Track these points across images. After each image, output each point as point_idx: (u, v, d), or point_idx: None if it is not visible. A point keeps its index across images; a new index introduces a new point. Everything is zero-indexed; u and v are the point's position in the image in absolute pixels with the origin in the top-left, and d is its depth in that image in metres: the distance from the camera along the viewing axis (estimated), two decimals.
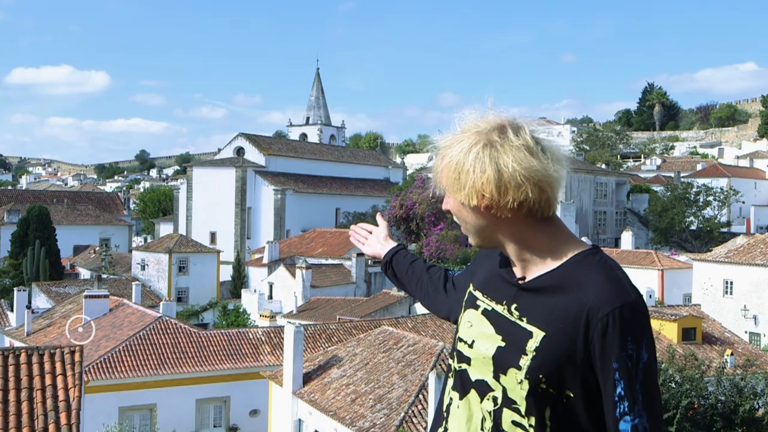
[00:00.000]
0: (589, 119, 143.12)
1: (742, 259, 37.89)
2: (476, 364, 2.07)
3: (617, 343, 1.87)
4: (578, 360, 1.91)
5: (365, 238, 2.92)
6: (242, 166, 73.11)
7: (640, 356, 1.88)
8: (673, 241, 69.87)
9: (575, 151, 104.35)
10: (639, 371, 1.88)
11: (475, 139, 1.94)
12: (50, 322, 37.70)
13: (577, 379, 1.93)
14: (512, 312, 2.03)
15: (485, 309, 2.11)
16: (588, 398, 1.94)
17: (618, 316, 1.87)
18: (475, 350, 2.08)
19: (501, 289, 2.09)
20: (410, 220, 60.20)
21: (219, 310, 48.86)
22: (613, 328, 1.86)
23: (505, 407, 2.00)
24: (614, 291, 1.90)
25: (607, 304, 1.87)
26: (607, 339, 1.87)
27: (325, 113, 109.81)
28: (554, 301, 1.95)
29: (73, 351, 14.33)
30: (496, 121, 1.97)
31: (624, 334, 1.87)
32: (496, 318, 2.06)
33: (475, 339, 2.09)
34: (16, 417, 12.62)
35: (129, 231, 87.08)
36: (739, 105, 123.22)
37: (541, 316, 1.96)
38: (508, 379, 1.99)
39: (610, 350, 1.87)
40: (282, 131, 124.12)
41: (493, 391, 2.02)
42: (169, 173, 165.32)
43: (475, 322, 2.12)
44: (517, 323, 2.01)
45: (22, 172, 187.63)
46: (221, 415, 30.45)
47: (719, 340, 33.70)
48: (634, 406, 1.88)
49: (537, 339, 1.95)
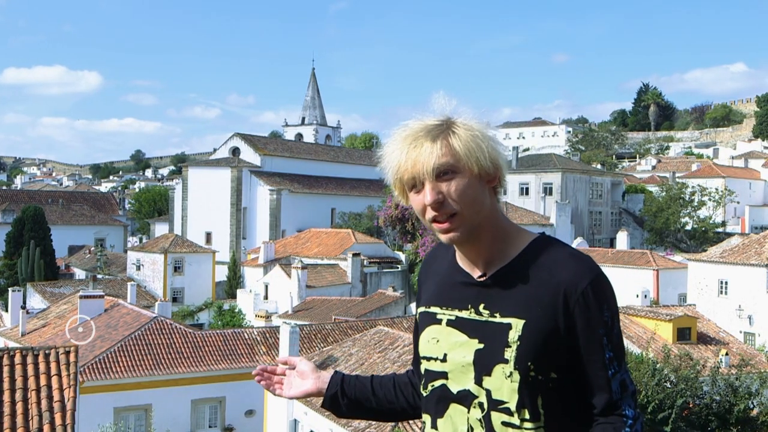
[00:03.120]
0: (584, 119, 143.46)
1: (737, 259, 37.98)
2: (455, 375, 2.06)
3: (597, 312, 1.98)
4: (561, 339, 1.98)
5: (279, 382, 2.44)
6: (238, 166, 73.02)
7: (614, 322, 2.02)
8: (668, 241, 69.99)
9: (570, 151, 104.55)
10: (614, 335, 2.02)
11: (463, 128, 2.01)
12: (45, 323, 37.63)
13: (561, 359, 1.99)
14: (481, 312, 2.04)
15: (449, 319, 2.09)
16: (570, 377, 2.02)
17: (594, 288, 1.99)
18: (450, 362, 2.06)
19: (460, 295, 2.10)
20: (405, 220, 60.11)
21: (214, 310, 48.81)
22: (593, 300, 1.98)
23: (492, 411, 2.00)
24: (583, 267, 2.01)
25: (582, 279, 1.98)
26: (590, 310, 1.98)
27: (320, 113, 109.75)
28: (525, 288, 2.00)
29: (68, 351, 14.30)
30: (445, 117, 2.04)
31: (601, 304, 1.99)
32: (465, 324, 2.06)
33: (447, 351, 2.07)
34: (10, 418, 12.58)
35: (124, 231, 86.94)
36: (733, 105, 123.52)
37: (515, 307, 2.00)
38: (494, 379, 1.99)
39: (594, 320, 1.99)
40: (277, 131, 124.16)
41: (477, 397, 2.02)
42: (165, 173, 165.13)
43: (441, 336, 2.10)
44: (491, 321, 2.02)
45: (17, 172, 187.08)
46: (217, 415, 30.41)
47: (714, 340, 33.80)
48: (620, 365, 2.02)
49: (518, 328, 1.97)
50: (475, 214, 1.99)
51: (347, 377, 2.40)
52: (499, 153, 1.99)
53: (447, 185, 1.96)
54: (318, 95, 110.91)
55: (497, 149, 1.99)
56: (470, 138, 1.96)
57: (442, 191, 1.96)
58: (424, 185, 1.98)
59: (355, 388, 2.37)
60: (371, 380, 2.41)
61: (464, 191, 1.96)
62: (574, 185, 72.40)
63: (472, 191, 1.97)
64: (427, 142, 1.97)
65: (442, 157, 1.95)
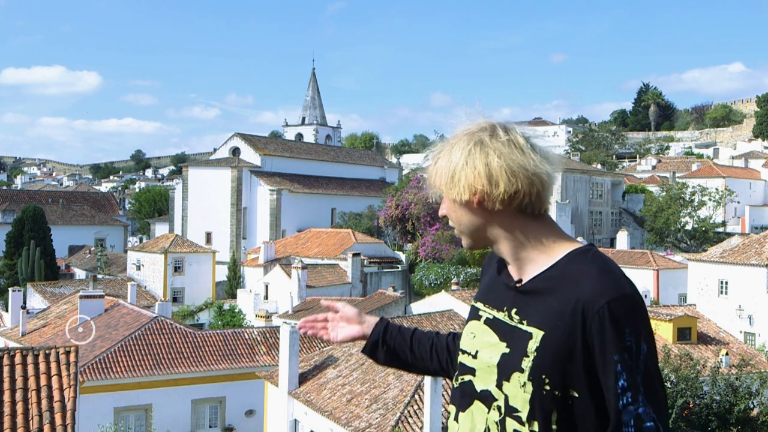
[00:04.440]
0: (584, 119, 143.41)
1: (737, 259, 37.97)
2: (481, 374, 2.07)
3: (615, 335, 1.86)
4: (579, 356, 1.90)
5: (324, 328, 2.51)
6: (238, 166, 73.01)
7: (639, 348, 1.87)
8: (668, 241, 69.96)
9: (571, 151, 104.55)
10: (640, 363, 1.87)
11: (467, 140, 2.02)
12: (45, 323, 37.63)
13: (580, 378, 1.92)
14: (512, 317, 2.04)
15: (487, 318, 2.12)
16: (593, 398, 1.93)
17: (613, 308, 1.86)
18: (479, 360, 2.09)
19: (501, 296, 2.11)
20: (406, 220, 60.16)
21: (214, 310, 48.80)
22: (609, 321, 1.86)
23: (507, 416, 2.00)
24: (607, 284, 1.90)
25: (601, 297, 1.87)
26: (605, 332, 1.86)
27: (321, 113, 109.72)
28: (550, 299, 1.96)
29: (68, 351, 14.30)
30: (486, 122, 2.06)
31: (621, 326, 1.86)
32: (499, 325, 2.08)
33: (479, 349, 2.10)
34: (11, 417, 12.58)
35: (124, 231, 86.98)
36: (733, 105, 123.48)
37: (539, 317, 1.97)
38: (511, 386, 1.99)
39: (609, 343, 1.86)
40: (276, 131, 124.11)
41: (497, 400, 2.02)
42: (165, 173, 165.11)
43: (478, 333, 2.13)
44: (518, 327, 2.01)
45: (17, 172, 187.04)
46: (217, 415, 30.42)
47: (714, 340, 33.78)
48: (638, 396, 1.86)
49: (537, 339, 1.95)
50: (460, 230, 2.13)
51: (391, 326, 2.45)
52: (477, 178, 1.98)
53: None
54: (318, 95, 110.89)
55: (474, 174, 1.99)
56: (437, 170, 2.08)
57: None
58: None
59: (395, 340, 2.43)
60: (412, 335, 2.44)
61: (447, 212, 2.13)
62: (575, 185, 72.40)
63: (452, 213, 2.11)
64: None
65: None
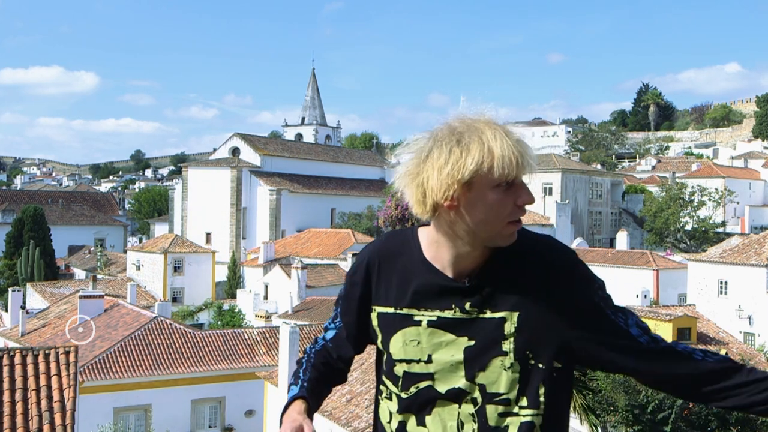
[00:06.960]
0: (584, 119, 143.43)
1: (736, 259, 37.97)
2: (442, 375, 2.02)
3: (592, 290, 1.99)
4: (560, 325, 1.96)
5: None
6: (237, 166, 73.02)
7: (605, 290, 2.03)
8: (668, 241, 70.00)
9: (570, 152, 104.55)
10: (611, 299, 2.03)
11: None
12: (45, 323, 37.63)
13: (561, 345, 1.98)
14: (468, 311, 2.00)
15: (430, 320, 2.03)
16: (570, 368, 2.03)
17: (580, 268, 2.00)
18: (436, 363, 2.02)
19: (440, 297, 2.03)
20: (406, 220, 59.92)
21: (214, 310, 48.76)
22: (583, 275, 1.99)
23: (487, 404, 1.99)
24: (563, 249, 2.02)
25: (567, 262, 2.00)
26: (583, 284, 1.99)
27: (320, 113, 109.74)
28: (512, 282, 1.98)
29: (68, 351, 14.30)
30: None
31: (590, 276, 2.01)
32: (450, 323, 2.01)
33: (431, 352, 2.03)
34: (10, 418, 12.58)
35: (124, 231, 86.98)
36: (733, 105, 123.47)
37: (506, 301, 1.97)
38: (489, 373, 1.97)
39: (590, 291, 1.99)
40: (276, 131, 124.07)
41: (470, 393, 2.00)
42: (164, 173, 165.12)
43: (422, 338, 2.04)
44: (480, 318, 1.99)
45: (17, 172, 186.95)
46: (216, 415, 30.41)
47: (714, 340, 33.81)
48: (625, 313, 2.01)
49: (513, 320, 1.96)
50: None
51: (311, 406, 2.14)
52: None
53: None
54: (318, 95, 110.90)
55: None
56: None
57: None
58: (514, 184, 1.90)
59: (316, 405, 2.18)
60: (318, 392, 2.22)
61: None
62: (574, 185, 72.43)
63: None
64: None
65: None
